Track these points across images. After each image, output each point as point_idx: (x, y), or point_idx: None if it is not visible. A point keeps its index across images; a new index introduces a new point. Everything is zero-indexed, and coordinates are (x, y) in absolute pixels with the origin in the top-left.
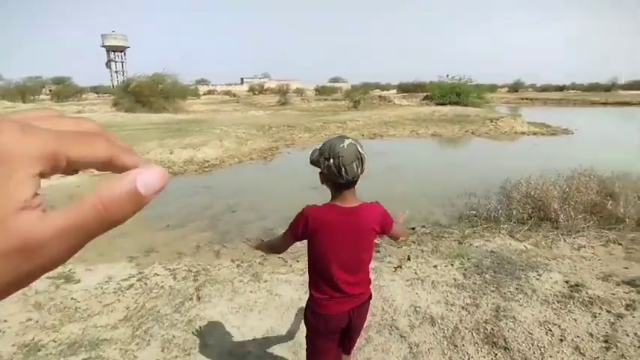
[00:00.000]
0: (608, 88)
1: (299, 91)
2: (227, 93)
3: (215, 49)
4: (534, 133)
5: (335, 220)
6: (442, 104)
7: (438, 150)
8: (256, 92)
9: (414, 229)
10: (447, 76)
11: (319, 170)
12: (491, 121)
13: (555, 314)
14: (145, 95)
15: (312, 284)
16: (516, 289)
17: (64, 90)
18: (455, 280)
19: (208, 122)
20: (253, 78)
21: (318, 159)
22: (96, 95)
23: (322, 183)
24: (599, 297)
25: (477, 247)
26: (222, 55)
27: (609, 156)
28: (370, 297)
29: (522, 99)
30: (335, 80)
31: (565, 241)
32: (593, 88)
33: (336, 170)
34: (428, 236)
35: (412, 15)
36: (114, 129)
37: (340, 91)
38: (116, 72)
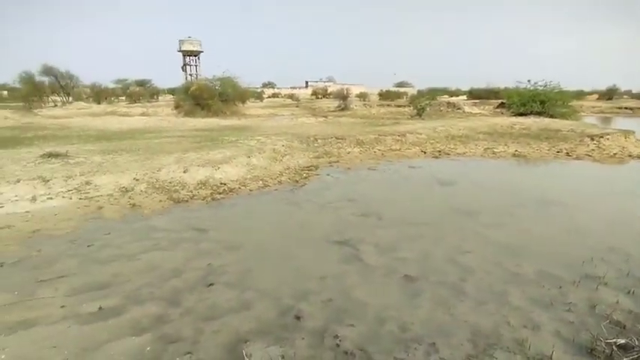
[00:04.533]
0: None
1: (362, 95)
2: (290, 96)
3: (283, 53)
4: None
5: None
6: (522, 114)
7: (524, 179)
8: (319, 96)
9: None
10: (529, 81)
11: None
12: (592, 139)
13: None
14: (204, 98)
15: None
16: None
17: (134, 93)
18: None
19: (252, 130)
20: (318, 82)
21: None
22: (172, 97)
23: None
24: None
25: None
26: (290, 60)
27: None
28: None
29: (620, 108)
30: (401, 85)
31: None
32: None
33: None
34: None
35: (484, 15)
36: (150, 135)
37: (405, 96)
38: (190, 75)
